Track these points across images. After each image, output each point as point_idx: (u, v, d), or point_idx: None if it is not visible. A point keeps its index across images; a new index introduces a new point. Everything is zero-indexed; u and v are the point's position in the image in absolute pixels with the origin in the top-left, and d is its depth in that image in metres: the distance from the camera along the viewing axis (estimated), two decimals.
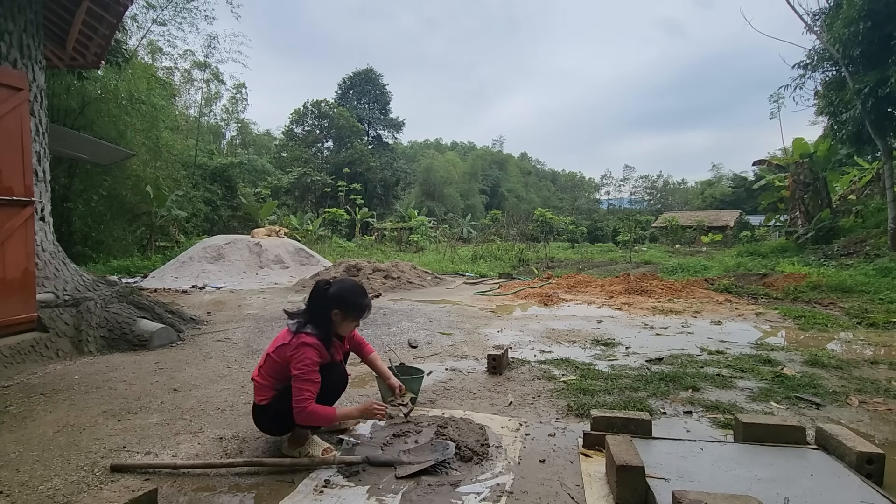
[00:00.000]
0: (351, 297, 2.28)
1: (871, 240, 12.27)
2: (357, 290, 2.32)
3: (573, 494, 1.94)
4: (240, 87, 31.10)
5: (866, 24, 10.24)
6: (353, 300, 2.28)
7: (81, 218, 12.25)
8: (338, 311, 2.26)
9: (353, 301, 2.28)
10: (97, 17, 5.58)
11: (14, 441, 2.44)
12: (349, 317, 2.30)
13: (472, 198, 47.06)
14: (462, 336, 4.95)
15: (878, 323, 5.30)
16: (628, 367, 3.74)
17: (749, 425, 2.26)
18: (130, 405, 2.96)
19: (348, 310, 2.28)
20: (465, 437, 2.36)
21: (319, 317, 2.24)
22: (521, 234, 21.18)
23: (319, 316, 2.24)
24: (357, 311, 2.30)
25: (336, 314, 2.26)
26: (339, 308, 2.25)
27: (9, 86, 3.89)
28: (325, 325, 2.25)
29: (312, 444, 2.28)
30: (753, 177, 33.56)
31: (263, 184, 24.71)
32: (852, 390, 3.20)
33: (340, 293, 2.26)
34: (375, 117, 45.20)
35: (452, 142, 72.34)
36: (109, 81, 12.12)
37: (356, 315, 2.32)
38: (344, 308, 2.26)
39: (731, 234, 28.96)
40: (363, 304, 2.31)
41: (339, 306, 2.25)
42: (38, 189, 4.61)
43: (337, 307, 2.25)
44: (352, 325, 2.37)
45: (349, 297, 2.28)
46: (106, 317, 4.47)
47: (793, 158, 17.01)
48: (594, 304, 7.06)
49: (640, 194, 75.81)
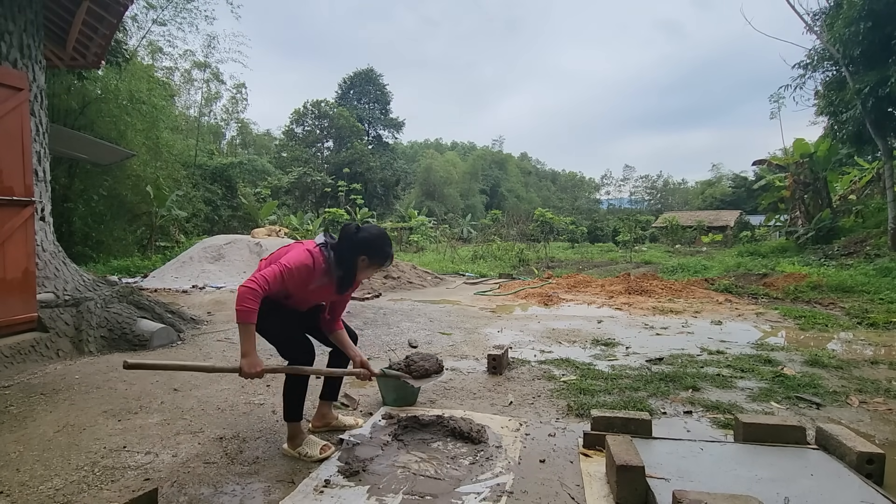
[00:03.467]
0: (379, 243, 2.29)
1: (872, 240, 12.27)
2: (384, 238, 2.33)
3: (573, 494, 1.94)
4: (240, 87, 31.11)
5: (867, 24, 10.24)
6: (380, 247, 2.29)
7: (82, 218, 12.25)
8: (364, 256, 2.27)
9: (380, 248, 2.29)
10: (97, 18, 5.58)
11: (14, 441, 2.44)
12: (373, 263, 2.31)
13: (472, 198, 47.05)
14: (462, 336, 4.95)
15: (878, 323, 5.30)
16: (628, 367, 3.74)
17: (749, 425, 2.26)
18: (130, 405, 2.96)
19: (374, 256, 2.28)
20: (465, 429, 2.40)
21: (345, 260, 2.26)
22: (522, 234, 21.17)
23: (345, 259, 2.26)
24: (382, 258, 2.31)
25: (363, 260, 2.28)
26: (366, 254, 2.27)
27: (9, 86, 3.89)
28: (350, 267, 2.27)
29: (310, 444, 2.28)
30: (753, 177, 33.57)
31: (263, 184, 24.71)
32: (852, 390, 3.20)
33: (369, 239, 2.26)
34: (375, 117, 45.22)
35: (452, 142, 72.34)
36: (110, 81, 12.12)
37: (380, 262, 2.32)
38: (370, 254, 2.27)
39: (732, 234, 28.92)
40: (389, 252, 2.33)
41: (367, 252, 2.27)
42: (38, 189, 4.61)
43: (364, 253, 2.26)
44: (371, 273, 2.38)
45: (377, 243, 2.28)
46: (106, 317, 4.47)
47: (793, 158, 16.99)
48: (594, 304, 7.06)
49: (640, 194, 75.79)
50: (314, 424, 2.58)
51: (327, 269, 2.24)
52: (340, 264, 2.25)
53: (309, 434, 2.39)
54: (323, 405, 2.60)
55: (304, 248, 2.23)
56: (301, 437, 2.31)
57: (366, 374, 2.49)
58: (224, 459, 2.25)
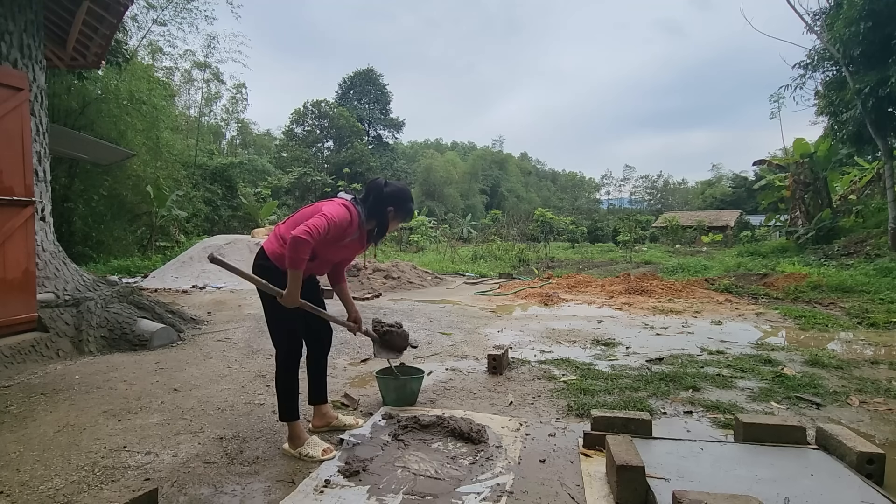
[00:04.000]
0: (405, 197, 2.46)
1: (872, 240, 12.27)
2: (410, 195, 2.50)
3: (573, 494, 1.94)
4: (240, 87, 31.08)
5: (867, 24, 10.23)
6: (406, 201, 2.46)
7: (82, 218, 12.25)
8: (392, 208, 2.41)
9: (406, 201, 2.46)
10: (97, 18, 5.58)
11: (14, 441, 2.44)
12: (399, 217, 2.46)
13: (473, 198, 47.03)
14: (462, 336, 4.95)
15: (878, 323, 5.30)
16: (628, 367, 3.74)
17: (749, 425, 2.26)
18: (131, 405, 2.97)
19: (400, 208, 2.44)
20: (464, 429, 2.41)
21: (377, 212, 2.39)
22: (522, 234, 21.18)
23: (377, 211, 2.39)
24: (407, 213, 2.48)
25: (390, 211, 2.41)
26: (393, 205, 2.41)
27: (9, 86, 3.89)
28: (382, 219, 2.41)
29: (311, 445, 2.28)
30: (754, 177, 33.56)
31: (264, 184, 24.70)
32: (853, 390, 3.20)
33: (397, 193, 2.42)
34: (375, 117, 45.25)
35: (452, 142, 72.29)
36: (110, 81, 12.13)
37: (405, 216, 2.48)
38: (397, 206, 2.42)
39: (732, 234, 28.93)
40: (412, 207, 2.52)
41: (395, 204, 2.41)
42: (38, 189, 4.61)
43: (392, 204, 2.40)
44: (396, 226, 2.53)
45: (404, 196, 2.45)
46: (106, 317, 4.47)
47: (793, 158, 16.99)
48: (594, 304, 7.06)
49: (640, 194, 75.82)
50: (315, 424, 2.59)
51: (360, 224, 2.36)
52: (372, 216, 2.39)
53: (310, 434, 2.39)
54: (319, 408, 2.60)
55: (338, 202, 2.32)
56: (302, 437, 2.31)
57: (354, 328, 2.65)
58: (224, 459, 2.25)
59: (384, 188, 2.40)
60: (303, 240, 2.10)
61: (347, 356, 4.15)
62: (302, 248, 2.11)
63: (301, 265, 2.15)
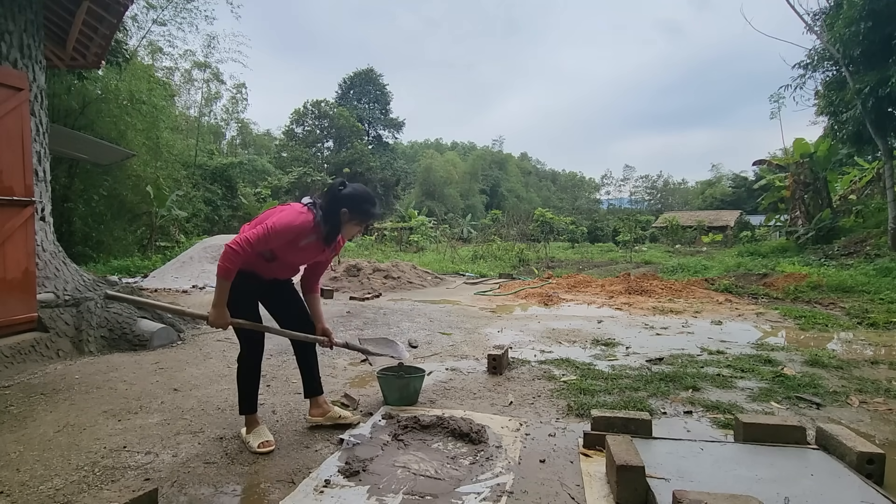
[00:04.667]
0: (361, 198, 2.33)
1: (872, 240, 12.27)
2: (368, 197, 2.37)
3: (573, 494, 1.94)
4: (240, 87, 31.05)
5: (867, 24, 10.23)
6: (361, 202, 2.32)
7: (82, 218, 12.25)
8: (346, 210, 2.30)
9: (361, 203, 2.32)
10: (97, 18, 5.58)
11: (14, 441, 2.44)
12: (355, 219, 2.34)
13: (472, 198, 47.02)
14: (462, 336, 4.95)
15: (878, 323, 5.30)
16: (628, 367, 3.74)
17: (749, 425, 2.26)
18: (131, 405, 2.97)
19: (354, 210, 2.31)
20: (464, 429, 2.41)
21: (330, 213, 2.30)
22: (522, 234, 21.16)
23: (330, 213, 2.30)
24: (363, 215, 2.34)
25: (344, 213, 2.30)
26: (347, 207, 2.30)
27: (9, 86, 3.89)
28: (335, 221, 2.31)
29: (255, 434, 2.36)
30: (754, 177, 33.58)
31: (264, 184, 24.72)
32: (853, 390, 3.20)
33: (353, 194, 2.31)
34: (375, 117, 45.26)
35: (452, 142, 72.28)
36: (110, 81, 12.12)
37: (362, 219, 2.36)
38: (351, 207, 2.30)
39: (732, 234, 28.93)
40: (371, 210, 2.36)
41: (349, 205, 2.30)
42: (38, 189, 4.61)
43: (346, 206, 2.30)
44: (355, 230, 2.41)
45: (360, 199, 2.32)
46: (106, 317, 4.47)
47: (793, 158, 16.99)
48: (594, 304, 7.06)
49: (640, 194, 75.77)
50: (312, 415, 2.64)
51: (315, 227, 2.28)
52: (326, 219, 2.30)
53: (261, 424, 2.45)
54: (314, 400, 2.64)
55: (291, 209, 2.28)
56: (253, 424, 2.41)
57: (327, 343, 2.56)
58: (224, 459, 2.25)
59: (340, 189, 2.32)
60: (232, 251, 2.13)
61: (347, 356, 4.15)
62: (231, 258, 2.14)
63: (228, 275, 2.17)
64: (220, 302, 2.23)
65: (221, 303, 2.23)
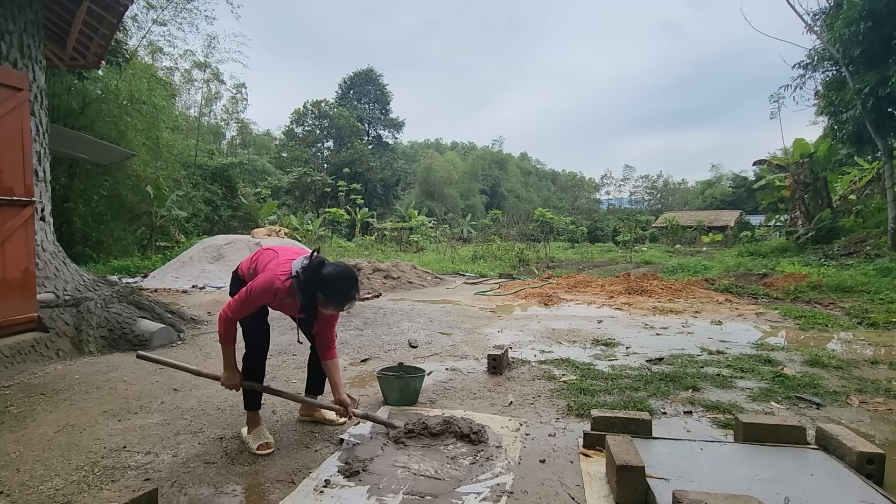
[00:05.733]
0: (336, 286, 2.24)
1: (872, 240, 12.27)
2: (345, 281, 2.26)
3: (573, 494, 1.94)
4: (240, 87, 31.08)
5: (867, 24, 10.23)
6: (337, 290, 2.24)
7: (82, 218, 12.24)
8: (321, 295, 2.25)
9: (336, 291, 2.25)
10: (97, 18, 5.58)
11: (14, 441, 2.44)
12: (331, 304, 2.28)
13: (472, 198, 47.00)
14: (462, 336, 4.95)
15: (878, 323, 5.30)
16: (628, 367, 3.74)
17: (749, 425, 2.26)
18: (131, 405, 2.97)
19: (329, 297, 2.25)
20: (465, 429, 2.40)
21: (306, 294, 2.26)
22: (522, 234, 21.17)
23: (306, 294, 2.26)
24: (339, 300, 2.27)
25: (319, 297, 2.26)
26: (322, 293, 2.24)
27: (9, 86, 3.89)
28: (311, 302, 2.29)
29: (255, 435, 2.37)
30: (753, 177, 33.56)
31: (263, 184, 24.70)
32: (852, 390, 3.20)
33: (328, 280, 2.22)
34: (375, 117, 45.20)
35: (452, 142, 72.25)
36: (110, 81, 12.11)
37: (336, 304, 2.29)
38: (326, 294, 2.24)
39: (732, 234, 28.92)
40: (346, 296, 2.27)
41: (324, 291, 2.24)
42: (38, 189, 4.61)
43: (322, 291, 2.24)
44: (333, 311, 2.36)
45: (335, 285, 2.24)
46: (106, 317, 4.47)
47: (793, 158, 16.99)
48: (594, 304, 7.06)
49: (640, 194, 75.71)
50: (301, 413, 2.73)
51: (291, 293, 2.28)
52: (303, 297, 2.27)
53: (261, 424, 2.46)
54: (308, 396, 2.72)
55: (272, 274, 2.26)
56: (253, 425, 2.42)
57: (342, 412, 2.48)
58: (224, 459, 2.25)
59: (318, 270, 2.22)
60: (222, 318, 2.28)
61: (347, 356, 4.15)
62: (224, 324, 2.29)
63: (227, 341, 2.31)
64: (228, 364, 2.37)
65: (230, 365, 2.38)
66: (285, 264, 2.31)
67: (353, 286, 2.29)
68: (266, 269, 2.31)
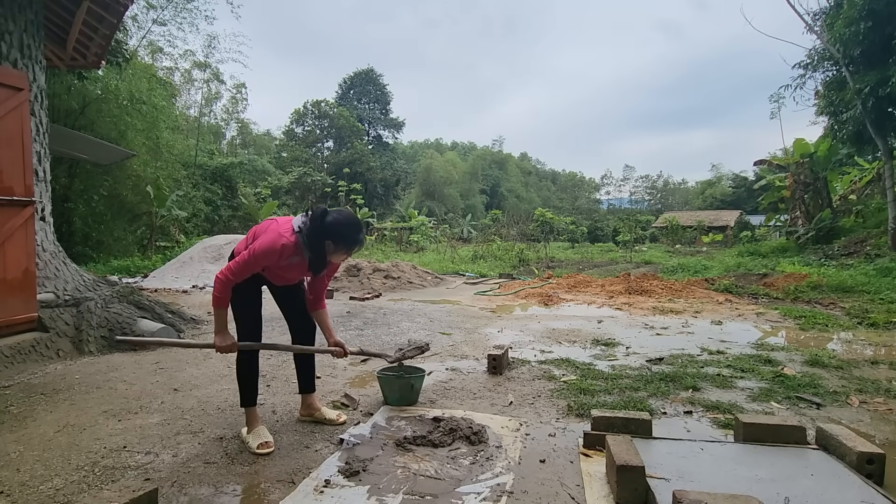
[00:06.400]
0: (344, 230, 2.28)
1: (872, 240, 12.27)
2: (351, 225, 2.31)
3: (573, 494, 1.94)
4: (240, 87, 31.09)
5: (867, 24, 10.23)
6: (345, 234, 2.28)
7: (82, 218, 12.25)
8: (330, 241, 2.27)
9: (345, 234, 2.28)
10: (97, 18, 5.58)
11: (14, 441, 2.44)
12: (340, 249, 2.31)
13: (472, 198, 47.02)
14: (462, 336, 4.95)
15: (878, 323, 5.30)
16: (629, 367, 3.74)
17: (749, 425, 2.26)
18: (131, 405, 2.97)
19: (339, 242, 2.28)
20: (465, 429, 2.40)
21: (314, 245, 2.28)
22: (522, 234, 21.16)
23: (314, 245, 2.28)
24: (347, 244, 2.31)
25: (328, 244, 2.28)
26: (331, 239, 2.27)
27: (9, 86, 3.89)
28: (319, 251, 2.29)
29: (255, 434, 2.38)
30: (754, 177, 33.58)
31: (264, 184, 24.71)
32: (853, 390, 3.19)
33: (334, 225, 2.26)
34: (376, 117, 45.24)
35: (452, 142, 72.28)
36: (110, 81, 12.12)
37: (346, 248, 2.33)
38: (335, 239, 2.27)
39: (732, 234, 28.93)
40: (355, 239, 2.31)
41: (332, 237, 2.26)
42: (38, 189, 4.61)
43: (329, 238, 2.26)
44: (342, 257, 2.39)
45: (342, 229, 2.27)
46: (106, 317, 4.47)
47: (793, 158, 16.99)
48: (594, 304, 7.06)
49: (640, 194, 75.74)
50: (301, 413, 2.73)
51: (298, 250, 2.28)
52: (310, 247, 2.28)
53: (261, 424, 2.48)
54: (306, 397, 2.70)
55: (275, 233, 2.26)
56: (253, 424, 2.43)
57: (340, 353, 2.59)
58: (224, 459, 2.25)
59: (323, 219, 2.25)
60: (220, 281, 2.25)
61: (348, 356, 4.14)
62: (220, 288, 2.25)
63: (222, 304, 2.28)
64: (221, 328, 2.34)
65: (222, 329, 2.34)
66: (285, 223, 2.32)
67: (360, 229, 2.35)
68: (269, 230, 2.30)
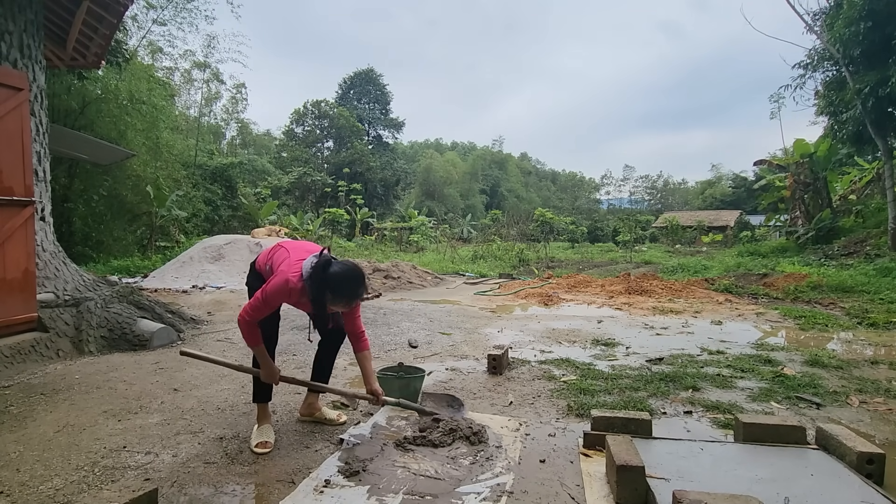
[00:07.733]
0: (343, 284, 2.25)
1: (872, 240, 12.26)
2: (352, 279, 2.28)
3: (573, 494, 1.94)
4: (240, 87, 31.12)
5: (867, 24, 10.23)
6: (343, 288, 2.26)
7: (82, 218, 12.24)
8: (330, 294, 2.26)
9: (343, 289, 2.26)
10: (97, 18, 5.58)
11: (14, 441, 2.44)
12: (338, 301, 2.30)
13: (472, 198, 47.01)
14: (462, 336, 4.95)
15: (878, 323, 5.30)
16: (628, 367, 3.74)
17: (749, 425, 2.26)
18: (131, 405, 2.96)
19: (337, 295, 2.27)
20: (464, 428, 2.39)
21: (315, 296, 2.27)
22: (522, 234, 21.17)
23: (315, 296, 2.27)
24: (347, 298, 2.29)
25: (328, 296, 2.27)
26: (330, 292, 2.26)
27: (9, 86, 3.89)
28: (321, 303, 2.29)
29: (258, 432, 2.44)
30: (754, 177, 33.57)
31: (263, 184, 24.72)
32: (852, 390, 3.20)
33: (335, 278, 2.24)
34: (375, 117, 45.21)
35: (452, 142, 72.27)
36: (110, 81, 12.11)
37: (346, 302, 2.32)
38: (334, 293, 2.26)
39: (732, 234, 28.92)
40: (355, 293, 2.30)
41: (331, 291, 2.25)
42: (38, 189, 4.61)
43: (330, 291, 2.25)
44: (342, 308, 2.38)
45: (343, 284, 2.25)
46: (106, 317, 4.47)
47: (793, 158, 16.99)
48: (594, 304, 7.06)
49: (640, 194, 75.70)
50: (301, 412, 2.74)
51: (304, 293, 2.29)
52: (311, 296, 2.28)
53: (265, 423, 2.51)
54: (310, 395, 2.72)
55: (284, 277, 2.26)
56: (262, 420, 2.49)
57: (375, 401, 2.57)
58: (224, 459, 2.25)
59: (324, 271, 2.23)
60: (243, 322, 2.30)
61: (347, 357, 4.14)
62: (246, 327, 2.31)
63: (255, 342, 2.35)
64: (265, 363, 2.42)
65: (266, 363, 2.42)
66: (296, 264, 2.32)
67: (360, 284, 2.32)
68: (278, 272, 2.32)
